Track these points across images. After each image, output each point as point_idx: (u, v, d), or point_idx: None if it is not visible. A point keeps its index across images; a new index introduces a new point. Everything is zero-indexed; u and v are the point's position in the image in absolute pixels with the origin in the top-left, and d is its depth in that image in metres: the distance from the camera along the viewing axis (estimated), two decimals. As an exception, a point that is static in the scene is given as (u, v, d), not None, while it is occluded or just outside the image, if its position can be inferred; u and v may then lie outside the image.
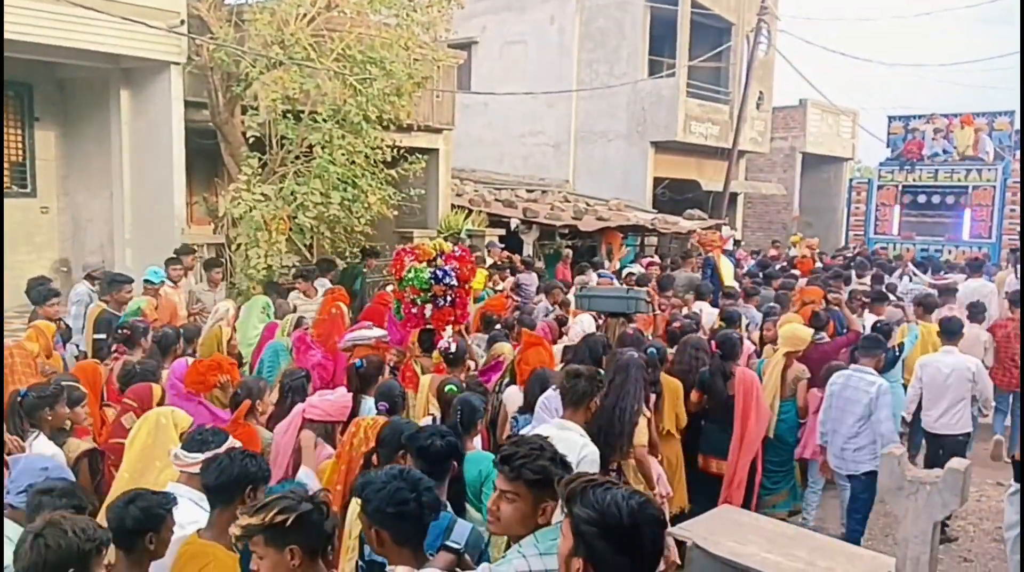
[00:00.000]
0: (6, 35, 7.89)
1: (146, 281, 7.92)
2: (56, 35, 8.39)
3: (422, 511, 2.55)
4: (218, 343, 6.23)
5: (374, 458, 3.53)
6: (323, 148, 9.34)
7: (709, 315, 8.69)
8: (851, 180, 23.63)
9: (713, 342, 6.44)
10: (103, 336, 7.15)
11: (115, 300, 7.49)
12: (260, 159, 9.44)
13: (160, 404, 4.40)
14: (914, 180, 20.69)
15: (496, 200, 15.28)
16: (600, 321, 7.46)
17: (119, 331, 6.13)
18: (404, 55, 10.06)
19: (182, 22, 9.29)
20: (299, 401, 4.40)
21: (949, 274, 12.86)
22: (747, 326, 8.25)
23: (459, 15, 11.69)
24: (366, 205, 9.83)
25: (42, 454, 3.85)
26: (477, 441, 4.41)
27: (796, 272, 12.58)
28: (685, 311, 8.76)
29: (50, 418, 4.24)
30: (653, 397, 5.46)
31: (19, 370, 5.30)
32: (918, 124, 20.82)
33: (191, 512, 3.08)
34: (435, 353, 6.05)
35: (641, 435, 4.84)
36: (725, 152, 19.26)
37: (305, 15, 9.52)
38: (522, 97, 17.81)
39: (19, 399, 4.22)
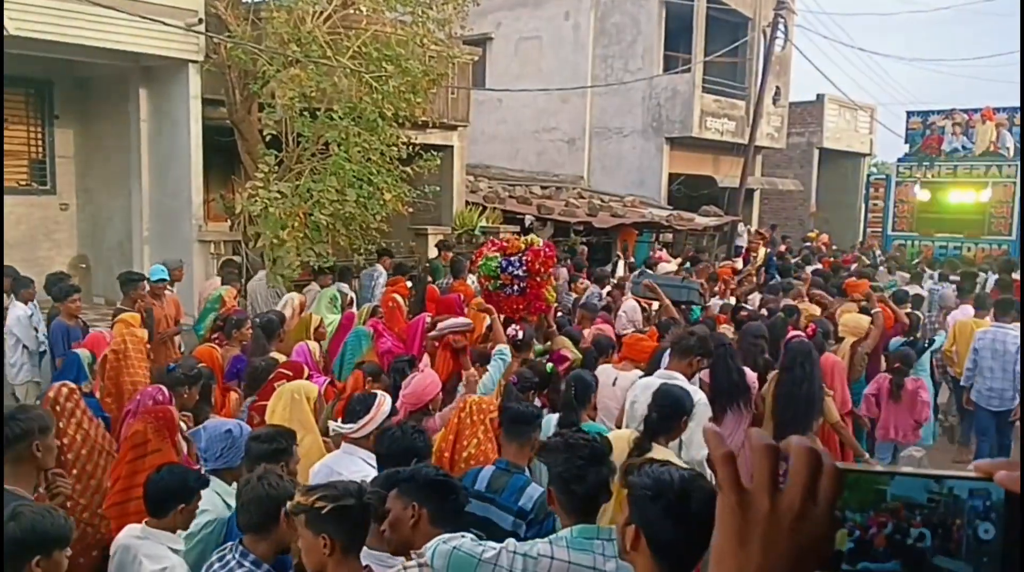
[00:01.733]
0: (27, 34, 7.99)
1: (159, 280, 7.82)
2: (76, 33, 8.47)
3: (454, 484, 2.80)
4: (306, 329, 6.57)
5: None
6: (339, 145, 9.37)
7: None
8: (869, 176, 23.44)
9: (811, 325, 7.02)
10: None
11: (129, 298, 7.48)
12: (277, 156, 9.48)
13: (308, 378, 4.79)
14: (933, 176, 20.49)
15: (510, 197, 15.30)
16: (653, 308, 8.17)
17: (216, 321, 6.84)
18: (420, 52, 10.07)
19: (200, 20, 9.35)
20: (400, 382, 4.80)
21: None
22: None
23: (474, 11, 11.68)
24: (381, 202, 9.85)
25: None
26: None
27: (818, 266, 12.77)
28: None
29: (186, 396, 4.56)
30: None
31: (132, 356, 5.50)
32: (937, 119, 20.62)
33: (363, 469, 3.54)
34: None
35: (832, 412, 5.61)
36: (741, 148, 19.16)
37: (321, 13, 9.55)
38: (536, 93, 17.78)
39: (167, 372, 4.64)
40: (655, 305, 8.28)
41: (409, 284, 8.58)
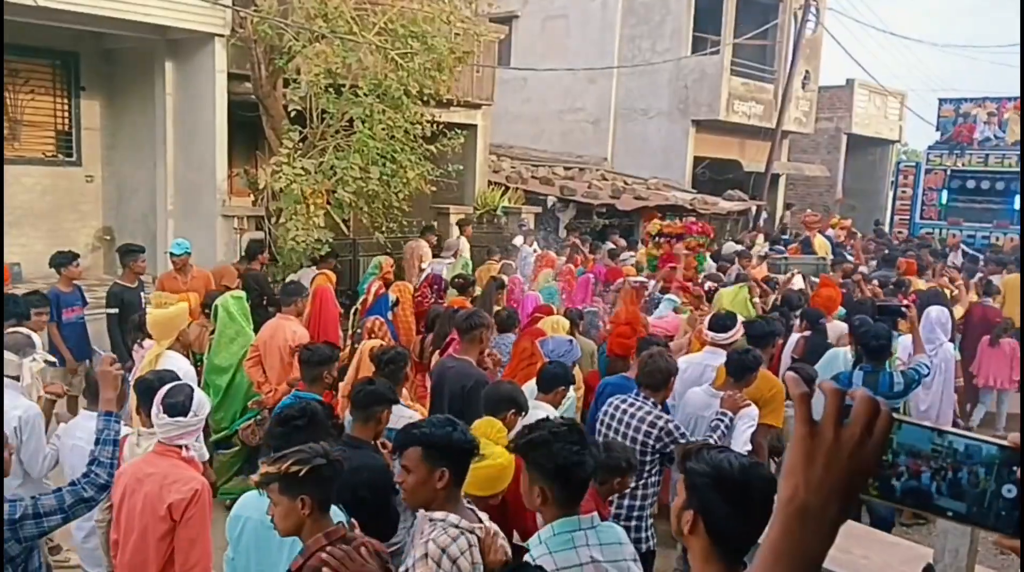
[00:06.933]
0: (54, 4, 7.99)
1: (171, 254, 7.86)
2: (103, 5, 8.45)
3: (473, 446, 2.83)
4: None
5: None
6: (363, 122, 9.32)
7: None
8: (898, 163, 23.08)
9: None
10: (114, 310, 7.21)
11: (132, 271, 7.48)
12: (301, 132, 9.46)
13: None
14: (963, 165, 20.13)
15: (533, 177, 15.20)
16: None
17: (455, 280, 8.20)
18: (446, 29, 9.98)
19: (226, -6, 9.31)
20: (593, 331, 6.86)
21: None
22: None
23: (501, -11, 11.56)
24: (404, 180, 9.81)
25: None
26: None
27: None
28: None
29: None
30: None
31: (407, 302, 7.76)
32: (969, 107, 20.22)
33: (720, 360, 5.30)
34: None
35: None
36: (768, 132, 18.91)
37: (348, -12, 9.46)
38: (562, 73, 17.62)
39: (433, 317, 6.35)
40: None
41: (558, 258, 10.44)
